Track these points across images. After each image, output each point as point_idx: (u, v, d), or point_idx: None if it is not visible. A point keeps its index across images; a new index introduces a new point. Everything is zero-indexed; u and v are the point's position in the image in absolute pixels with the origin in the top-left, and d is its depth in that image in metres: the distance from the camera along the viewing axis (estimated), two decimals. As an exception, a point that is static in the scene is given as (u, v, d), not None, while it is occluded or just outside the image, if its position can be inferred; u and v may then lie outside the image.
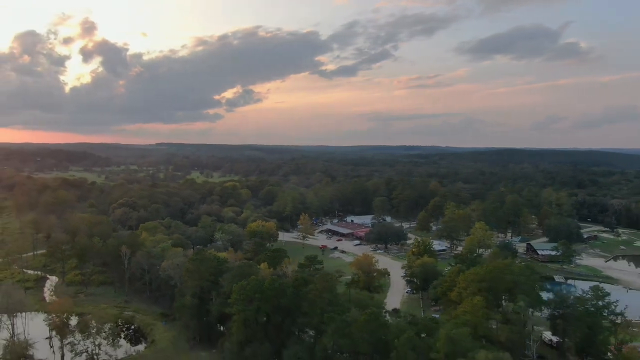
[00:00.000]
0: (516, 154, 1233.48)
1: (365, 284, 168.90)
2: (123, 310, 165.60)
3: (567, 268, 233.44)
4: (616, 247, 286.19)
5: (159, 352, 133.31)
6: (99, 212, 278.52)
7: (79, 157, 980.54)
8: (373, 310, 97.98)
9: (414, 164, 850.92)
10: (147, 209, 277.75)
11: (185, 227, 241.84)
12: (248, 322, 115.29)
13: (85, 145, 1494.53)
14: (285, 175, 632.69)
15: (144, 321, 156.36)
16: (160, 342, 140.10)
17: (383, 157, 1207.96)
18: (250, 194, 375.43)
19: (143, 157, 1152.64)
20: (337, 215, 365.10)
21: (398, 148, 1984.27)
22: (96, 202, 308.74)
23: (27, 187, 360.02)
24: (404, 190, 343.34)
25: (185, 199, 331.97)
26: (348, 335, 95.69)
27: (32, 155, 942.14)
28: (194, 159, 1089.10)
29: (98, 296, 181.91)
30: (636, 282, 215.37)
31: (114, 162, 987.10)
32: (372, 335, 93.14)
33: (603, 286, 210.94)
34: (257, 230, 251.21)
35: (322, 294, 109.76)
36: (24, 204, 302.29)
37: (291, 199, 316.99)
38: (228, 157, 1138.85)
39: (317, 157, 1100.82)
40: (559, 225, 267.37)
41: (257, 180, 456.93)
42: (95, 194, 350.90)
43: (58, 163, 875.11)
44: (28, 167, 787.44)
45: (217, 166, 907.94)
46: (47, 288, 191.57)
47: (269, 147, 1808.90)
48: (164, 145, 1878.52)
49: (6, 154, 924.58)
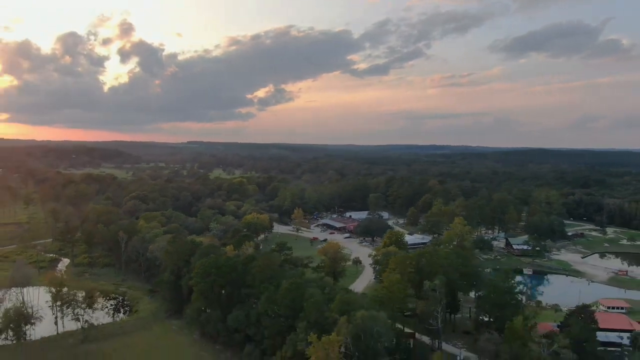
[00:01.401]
0: (545, 154, 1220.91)
1: (330, 269, 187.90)
2: (118, 287, 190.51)
3: (538, 262, 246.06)
4: (600, 245, 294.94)
5: (139, 320, 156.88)
6: (113, 204, 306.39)
7: (112, 154, 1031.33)
8: (295, 281, 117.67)
9: (432, 163, 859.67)
10: (156, 202, 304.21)
11: (185, 217, 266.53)
12: (205, 293, 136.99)
13: (120, 144, 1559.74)
14: (303, 173, 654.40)
15: (133, 296, 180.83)
16: (142, 312, 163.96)
17: (407, 156, 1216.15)
18: (257, 190, 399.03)
19: (173, 155, 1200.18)
20: (337, 210, 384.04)
21: (427, 147, 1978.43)
22: (112, 196, 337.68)
23: (54, 182, 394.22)
24: (399, 188, 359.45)
25: (195, 193, 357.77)
26: (274, 301, 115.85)
27: (68, 152, 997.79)
28: (221, 157, 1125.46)
29: (100, 275, 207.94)
30: (600, 276, 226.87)
31: (144, 159, 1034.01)
32: (292, 301, 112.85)
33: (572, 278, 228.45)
34: (251, 221, 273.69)
35: (264, 270, 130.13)
36: (49, 196, 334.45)
37: (290, 194, 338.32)
38: (252, 155, 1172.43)
39: (341, 156, 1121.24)
40: (539, 222, 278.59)
41: (265, 177, 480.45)
42: (113, 188, 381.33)
43: (91, 160, 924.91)
44: (63, 164, 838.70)
45: (240, 164, 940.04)
46: (59, 268, 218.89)
47: (296, 146, 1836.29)
48: (194, 144, 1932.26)
49: (45, 151, 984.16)
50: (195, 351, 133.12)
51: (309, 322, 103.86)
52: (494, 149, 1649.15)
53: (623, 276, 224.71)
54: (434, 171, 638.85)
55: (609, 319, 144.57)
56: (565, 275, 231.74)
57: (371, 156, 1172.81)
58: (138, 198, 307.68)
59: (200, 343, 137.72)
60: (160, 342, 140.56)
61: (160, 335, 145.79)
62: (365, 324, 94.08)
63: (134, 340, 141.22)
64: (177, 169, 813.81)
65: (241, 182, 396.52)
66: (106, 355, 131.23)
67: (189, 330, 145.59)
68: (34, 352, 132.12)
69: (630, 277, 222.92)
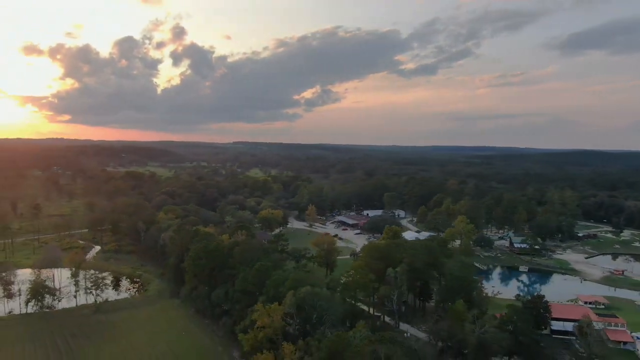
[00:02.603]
0: (596, 156, 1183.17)
1: (324, 260, 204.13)
2: (135, 270, 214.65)
3: (537, 260, 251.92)
4: (610, 246, 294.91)
5: (146, 298, 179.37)
6: (145, 198, 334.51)
7: (158, 154, 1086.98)
8: (264, 263, 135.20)
9: (467, 164, 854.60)
10: (182, 197, 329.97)
11: (204, 211, 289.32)
12: (197, 274, 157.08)
13: (169, 143, 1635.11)
14: (335, 173, 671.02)
15: (146, 278, 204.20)
16: (151, 291, 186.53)
17: (447, 157, 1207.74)
18: (281, 188, 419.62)
19: (216, 155, 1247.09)
20: (355, 208, 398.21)
21: (473, 149, 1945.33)
22: (146, 191, 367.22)
23: (98, 178, 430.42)
24: (413, 187, 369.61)
25: (221, 190, 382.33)
26: (247, 280, 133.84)
27: (118, 151, 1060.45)
28: (261, 157, 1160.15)
29: (123, 260, 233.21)
30: (595, 275, 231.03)
31: (188, 159, 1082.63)
32: (259, 280, 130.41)
33: (566, 277, 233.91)
34: (266, 216, 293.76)
35: (243, 254, 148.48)
36: (90, 191, 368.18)
37: (307, 192, 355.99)
38: (292, 155, 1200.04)
39: (379, 157, 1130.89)
40: (544, 222, 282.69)
41: (291, 176, 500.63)
42: (148, 184, 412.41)
43: (139, 159, 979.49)
44: (113, 162, 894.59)
45: (277, 164, 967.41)
46: (90, 254, 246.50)
47: (338, 147, 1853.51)
48: (239, 144, 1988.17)
49: (97, 150, 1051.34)
50: (186, 324, 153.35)
51: (268, 296, 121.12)
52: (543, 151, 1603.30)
53: (618, 276, 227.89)
54: (464, 172, 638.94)
55: (564, 310, 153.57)
56: (561, 274, 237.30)
57: (410, 157, 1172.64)
58: (167, 193, 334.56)
59: (193, 317, 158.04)
60: (160, 315, 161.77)
61: (161, 310, 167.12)
62: (307, 298, 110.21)
63: (138, 314, 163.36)
64: (217, 168, 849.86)
65: (265, 180, 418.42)
66: (112, 323, 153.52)
67: (185, 307, 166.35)
68: (54, 319, 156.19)
69: (624, 277, 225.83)
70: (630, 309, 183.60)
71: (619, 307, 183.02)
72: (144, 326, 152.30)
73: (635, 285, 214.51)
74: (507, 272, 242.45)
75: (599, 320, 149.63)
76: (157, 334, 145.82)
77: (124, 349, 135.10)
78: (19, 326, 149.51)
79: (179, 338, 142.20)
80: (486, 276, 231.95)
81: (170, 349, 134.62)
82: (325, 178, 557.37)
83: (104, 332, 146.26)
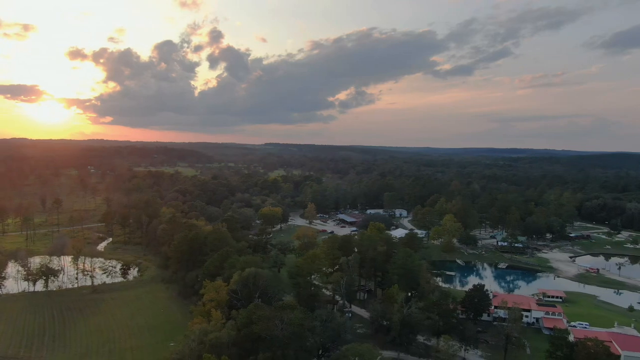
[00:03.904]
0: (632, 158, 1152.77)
1: (305, 251, 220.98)
2: (137, 259, 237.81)
3: (517, 258, 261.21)
4: (601, 247, 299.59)
5: (139, 281, 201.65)
6: (159, 196, 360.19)
7: (188, 154, 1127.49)
8: (226, 249, 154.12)
9: (488, 166, 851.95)
10: (192, 194, 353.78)
11: (209, 207, 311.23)
12: (179, 259, 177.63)
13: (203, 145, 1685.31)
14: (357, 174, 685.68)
15: (145, 265, 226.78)
16: (145, 276, 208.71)
17: (473, 159, 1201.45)
18: (291, 187, 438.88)
19: (245, 156, 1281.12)
20: (359, 208, 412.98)
21: (507, 151, 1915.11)
22: (162, 189, 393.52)
23: (123, 176, 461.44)
24: (414, 188, 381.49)
25: (232, 188, 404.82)
26: (212, 264, 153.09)
27: (151, 152, 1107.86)
28: (287, 158, 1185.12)
29: (129, 250, 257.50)
30: (570, 272, 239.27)
31: (216, 159, 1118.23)
32: (221, 263, 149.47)
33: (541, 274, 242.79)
34: (266, 213, 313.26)
35: (215, 242, 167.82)
36: (112, 188, 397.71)
37: (311, 191, 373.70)
38: (318, 157, 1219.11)
39: (406, 158, 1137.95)
40: (531, 222, 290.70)
41: (302, 176, 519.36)
42: (166, 182, 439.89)
43: (169, 159, 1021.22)
44: (144, 162, 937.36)
45: (302, 164, 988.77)
46: (102, 244, 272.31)
47: (368, 148, 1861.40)
48: (270, 146, 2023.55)
49: (131, 151, 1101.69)
50: (167, 303, 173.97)
51: (223, 277, 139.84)
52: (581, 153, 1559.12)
53: (593, 273, 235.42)
54: (480, 174, 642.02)
55: (509, 300, 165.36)
56: (538, 271, 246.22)
57: (435, 159, 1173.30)
58: (178, 191, 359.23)
59: (175, 298, 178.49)
60: (146, 296, 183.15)
61: (148, 292, 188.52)
62: (249, 277, 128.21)
63: (128, 294, 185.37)
64: (240, 168, 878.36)
65: (274, 180, 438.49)
66: (104, 301, 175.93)
67: (170, 290, 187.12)
68: (56, 297, 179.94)
69: (598, 275, 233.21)
70: (588, 302, 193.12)
71: (576, 301, 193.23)
72: (130, 304, 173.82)
73: (605, 282, 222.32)
74: (486, 268, 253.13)
75: (539, 309, 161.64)
76: (139, 310, 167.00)
77: (108, 320, 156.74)
78: (25, 301, 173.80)
79: (157, 314, 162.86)
80: (463, 271, 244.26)
81: (146, 322, 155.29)
82: (340, 179, 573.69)
83: (94, 307, 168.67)
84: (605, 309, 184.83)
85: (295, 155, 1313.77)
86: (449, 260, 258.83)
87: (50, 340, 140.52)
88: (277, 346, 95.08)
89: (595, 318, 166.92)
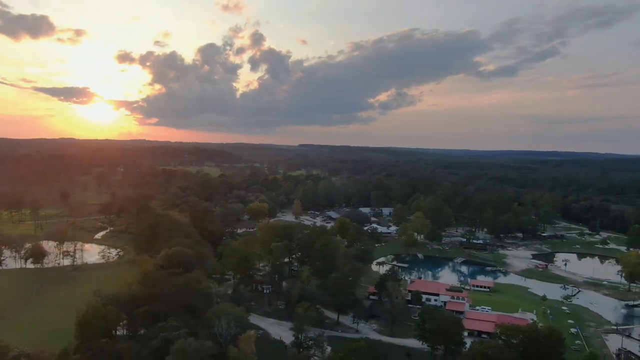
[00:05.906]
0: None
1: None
2: (125, 245, 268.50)
3: (475, 253, 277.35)
4: (570, 246, 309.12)
5: (117, 263, 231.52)
6: (162, 191, 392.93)
7: (217, 154, 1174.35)
8: (171, 234, 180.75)
9: (505, 168, 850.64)
10: (192, 190, 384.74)
11: (201, 202, 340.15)
12: (144, 242, 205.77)
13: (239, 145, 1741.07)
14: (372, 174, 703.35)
15: (128, 250, 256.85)
16: (124, 258, 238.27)
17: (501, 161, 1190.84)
18: (292, 186, 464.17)
19: (274, 157, 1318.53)
20: (352, 206, 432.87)
21: (546, 154, 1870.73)
22: (170, 185, 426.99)
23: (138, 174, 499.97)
24: (402, 187, 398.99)
25: (233, 186, 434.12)
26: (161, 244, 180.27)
27: (183, 152, 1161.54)
28: (312, 159, 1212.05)
29: (122, 239, 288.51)
30: (519, 267, 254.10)
31: (244, 160, 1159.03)
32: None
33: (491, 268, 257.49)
34: (253, 208, 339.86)
35: (170, 229, 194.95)
36: (125, 184, 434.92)
37: (302, 190, 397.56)
38: (345, 158, 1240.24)
39: (427, 160, 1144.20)
40: (500, 221, 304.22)
41: (304, 175, 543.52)
42: (176, 179, 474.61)
43: (198, 159, 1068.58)
44: (173, 162, 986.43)
45: (324, 165, 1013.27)
46: (100, 233, 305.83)
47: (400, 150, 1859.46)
48: (303, 147, 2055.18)
49: (165, 151, 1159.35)
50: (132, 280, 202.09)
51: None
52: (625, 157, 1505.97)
53: (540, 269, 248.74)
54: (490, 176, 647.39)
55: (429, 287, 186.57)
56: (490, 266, 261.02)
57: (464, 161, 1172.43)
58: (180, 187, 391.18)
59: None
60: (119, 274, 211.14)
61: (122, 271, 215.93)
62: (174, 254, 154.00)
63: (104, 272, 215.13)
64: (262, 168, 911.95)
65: (274, 179, 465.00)
66: (81, 277, 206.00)
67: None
68: (42, 273, 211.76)
69: (544, 270, 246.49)
70: (514, 293, 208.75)
71: (504, 291, 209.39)
72: (102, 280, 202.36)
73: (546, 277, 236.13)
74: (443, 262, 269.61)
75: (446, 294, 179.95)
76: (108, 284, 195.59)
77: (78, 291, 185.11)
78: (14, 275, 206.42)
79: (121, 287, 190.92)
80: (420, 265, 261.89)
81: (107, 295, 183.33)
82: (347, 179, 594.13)
83: (70, 282, 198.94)
84: (525, 298, 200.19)
85: (323, 156, 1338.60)
86: (410, 254, 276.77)
87: (23, 304, 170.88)
88: (160, 302, 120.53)
89: (506, 305, 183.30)
